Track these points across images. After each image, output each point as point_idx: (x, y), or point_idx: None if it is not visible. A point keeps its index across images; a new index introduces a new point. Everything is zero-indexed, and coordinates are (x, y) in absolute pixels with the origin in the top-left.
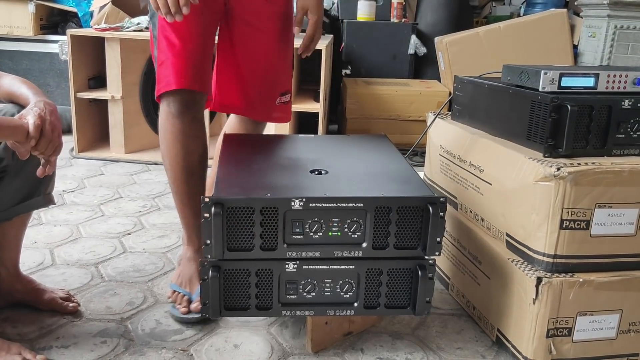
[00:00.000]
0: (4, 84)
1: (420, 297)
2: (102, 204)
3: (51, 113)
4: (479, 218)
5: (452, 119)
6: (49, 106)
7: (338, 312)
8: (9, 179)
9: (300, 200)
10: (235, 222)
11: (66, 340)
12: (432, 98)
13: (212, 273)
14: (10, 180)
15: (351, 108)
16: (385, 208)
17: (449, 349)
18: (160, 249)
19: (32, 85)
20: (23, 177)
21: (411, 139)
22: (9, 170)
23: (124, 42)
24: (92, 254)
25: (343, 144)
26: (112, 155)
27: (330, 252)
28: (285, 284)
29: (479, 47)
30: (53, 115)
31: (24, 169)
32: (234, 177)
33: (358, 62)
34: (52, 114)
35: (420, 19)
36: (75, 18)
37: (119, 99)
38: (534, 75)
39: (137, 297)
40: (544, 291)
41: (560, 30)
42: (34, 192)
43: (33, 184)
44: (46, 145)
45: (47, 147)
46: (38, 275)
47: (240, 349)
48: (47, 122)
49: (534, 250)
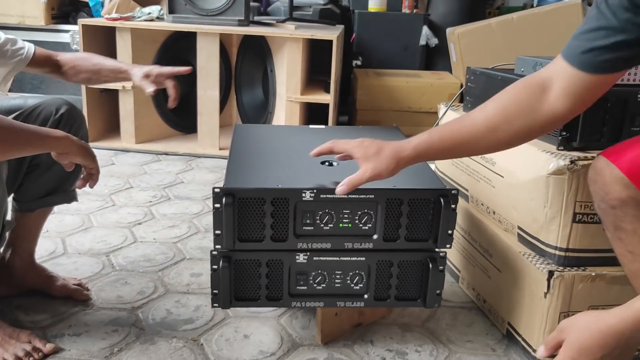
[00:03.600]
0: (74, 55)
1: (431, 289)
2: (113, 193)
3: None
4: (490, 211)
5: (464, 110)
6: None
7: (348, 304)
8: (39, 172)
9: (311, 192)
10: (246, 213)
11: (78, 329)
12: (444, 90)
13: (222, 263)
14: (41, 173)
15: (362, 99)
16: (396, 200)
17: (459, 341)
18: (170, 239)
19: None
20: (53, 172)
21: (422, 131)
22: (41, 164)
23: (135, 32)
24: (103, 244)
25: (354, 136)
26: (123, 145)
27: (340, 243)
28: (296, 275)
29: (491, 38)
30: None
31: (56, 164)
32: (245, 168)
33: (369, 53)
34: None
35: (432, 10)
36: (86, 8)
37: (129, 89)
38: None
39: (147, 287)
40: (556, 285)
41: (574, 22)
42: (59, 187)
43: (60, 179)
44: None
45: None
46: (50, 264)
47: (250, 339)
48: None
49: (545, 243)
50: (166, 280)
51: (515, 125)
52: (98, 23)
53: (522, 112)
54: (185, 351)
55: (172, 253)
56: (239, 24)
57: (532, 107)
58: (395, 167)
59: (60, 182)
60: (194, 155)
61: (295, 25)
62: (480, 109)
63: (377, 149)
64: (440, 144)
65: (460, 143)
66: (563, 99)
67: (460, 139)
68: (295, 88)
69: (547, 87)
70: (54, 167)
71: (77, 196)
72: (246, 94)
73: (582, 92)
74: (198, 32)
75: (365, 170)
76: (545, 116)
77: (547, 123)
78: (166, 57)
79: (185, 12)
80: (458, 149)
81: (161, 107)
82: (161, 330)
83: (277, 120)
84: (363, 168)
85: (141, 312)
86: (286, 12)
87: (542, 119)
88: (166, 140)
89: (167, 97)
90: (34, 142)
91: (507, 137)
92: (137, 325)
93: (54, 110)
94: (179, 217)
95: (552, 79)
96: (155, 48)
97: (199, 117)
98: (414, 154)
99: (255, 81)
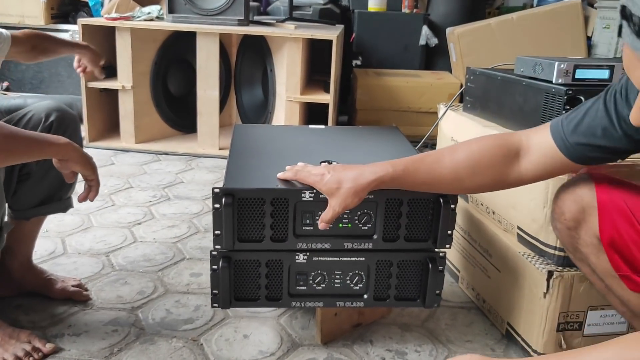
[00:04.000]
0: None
1: (430, 289)
2: (113, 193)
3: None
4: (489, 211)
5: (463, 110)
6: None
7: (348, 304)
8: (33, 182)
9: (311, 192)
10: (245, 213)
11: (77, 329)
12: (443, 89)
13: (222, 263)
14: (34, 183)
15: (361, 99)
16: (396, 200)
17: (458, 341)
18: (170, 239)
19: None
20: (47, 181)
21: (421, 131)
22: (33, 174)
23: (134, 32)
24: (103, 244)
25: (354, 135)
26: (123, 145)
27: (340, 243)
28: (295, 275)
29: (491, 38)
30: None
31: (49, 173)
32: (245, 168)
33: (369, 53)
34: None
35: (432, 10)
36: (86, 7)
37: (129, 88)
38: (547, 67)
39: (147, 287)
40: (555, 285)
41: (574, 22)
42: (54, 195)
43: (55, 188)
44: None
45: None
46: (50, 264)
47: (249, 339)
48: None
49: (545, 243)
50: (166, 280)
51: (479, 180)
52: (98, 23)
53: (490, 170)
54: (185, 351)
55: (172, 253)
56: (238, 24)
57: (501, 170)
58: (359, 199)
59: (55, 191)
60: (194, 155)
61: (295, 25)
62: (450, 153)
63: (337, 183)
64: (404, 179)
65: (423, 183)
66: (534, 169)
67: (424, 179)
68: (295, 88)
69: (522, 155)
70: (48, 175)
71: (72, 203)
72: (246, 94)
73: (555, 170)
74: (198, 32)
75: (334, 207)
76: (510, 180)
77: (510, 184)
78: (166, 56)
79: (185, 11)
80: (420, 187)
81: (161, 106)
82: (161, 330)
83: (277, 120)
84: (331, 204)
85: (141, 312)
86: (286, 12)
87: (506, 181)
88: (166, 140)
89: (167, 97)
90: (33, 148)
91: (469, 188)
92: (137, 325)
93: (44, 117)
94: (179, 217)
95: (529, 149)
96: (155, 48)
97: (199, 117)
98: (375, 184)
99: (255, 81)
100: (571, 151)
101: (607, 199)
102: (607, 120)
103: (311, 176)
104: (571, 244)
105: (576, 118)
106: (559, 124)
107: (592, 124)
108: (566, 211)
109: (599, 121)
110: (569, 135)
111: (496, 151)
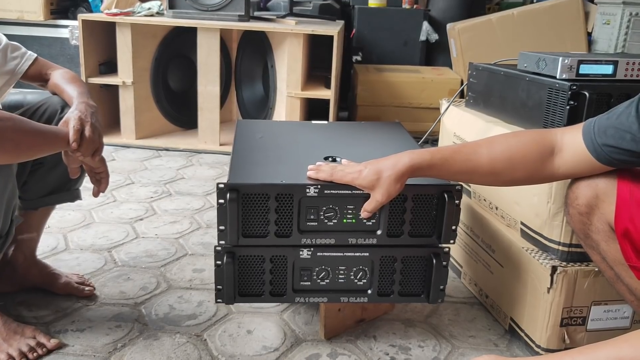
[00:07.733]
0: (55, 78)
1: (434, 285)
2: (114, 189)
3: (92, 115)
4: (493, 206)
5: (466, 106)
6: (90, 108)
7: (352, 299)
8: (44, 172)
9: (316, 187)
10: (250, 209)
11: (81, 324)
12: (444, 85)
13: (226, 259)
14: (45, 173)
15: (362, 95)
16: (400, 196)
17: (461, 337)
18: (172, 234)
19: (80, 82)
20: (57, 171)
21: (422, 127)
22: (46, 164)
23: (135, 27)
24: (105, 239)
25: (357, 131)
26: (123, 140)
27: (344, 239)
28: (300, 270)
29: (491, 34)
30: (94, 117)
31: (60, 164)
32: (249, 164)
33: (369, 49)
34: (93, 115)
35: (432, 5)
36: (85, 3)
37: (130, 84)
38: (551, 63)
39: (150, 282)
40: (559, 280)
41: (574, 18)
42: (63, 186)
43: (64, 178)
44: (87, 147)
45: (88, 148)
46: (52, 259)
47: (253, 334)
48: (87, 125)
49: (549, 239)
50: (168, 276)
51: (515, 174)
52: (98, 18)
53: (527, 166)
54: (188, 346)
55: (174, 249)
56: (239, 19)
57: (537, 165)
58: (400, 185)
59: (65, 181)
60: (195, 151)
61: (295, 20)
62: (487, 146)
63: (376, 174)
64: (440, 167)
65: (458, 172)
66: (565, 168)
67: (460, 169)
68: (295, 84)
69: (556, 153)
70: (58, 166)
71: (80, 195)
72: (246, 90)
73: (584, 170)
74: (198, 28)
75: (377, 198)
76: (545, 175)
77: (544, 180)
78: (166, 52)
79: (185, 7)
80: (454, 176)
81: (161, 102)
82: (164, 326)
83: (278, 115)
84: (374, 196)
85: (144, 307)
86: (286, 8)
87: (541, 176)
88: (166, 135)
89: (167, 93)
90: (46, 142)
91: (504, 181)
92: (140, 320)
93: (60, 109)
94: (181, 212)
95: (563, 148)
96: (156, 43)
97: (200, 113)
98: (412, 170)
99: (256, 77)
100: (599, 152)
101: (628, 191)
102: (637, 125)
103: (348, 175)
104: (582, 230)
105: (608, 120)
106: (590, 125)
107: (622, 128)
108: (580, 196)
109: (629, 125)
110: (598, 136)
111: (533, 147)
